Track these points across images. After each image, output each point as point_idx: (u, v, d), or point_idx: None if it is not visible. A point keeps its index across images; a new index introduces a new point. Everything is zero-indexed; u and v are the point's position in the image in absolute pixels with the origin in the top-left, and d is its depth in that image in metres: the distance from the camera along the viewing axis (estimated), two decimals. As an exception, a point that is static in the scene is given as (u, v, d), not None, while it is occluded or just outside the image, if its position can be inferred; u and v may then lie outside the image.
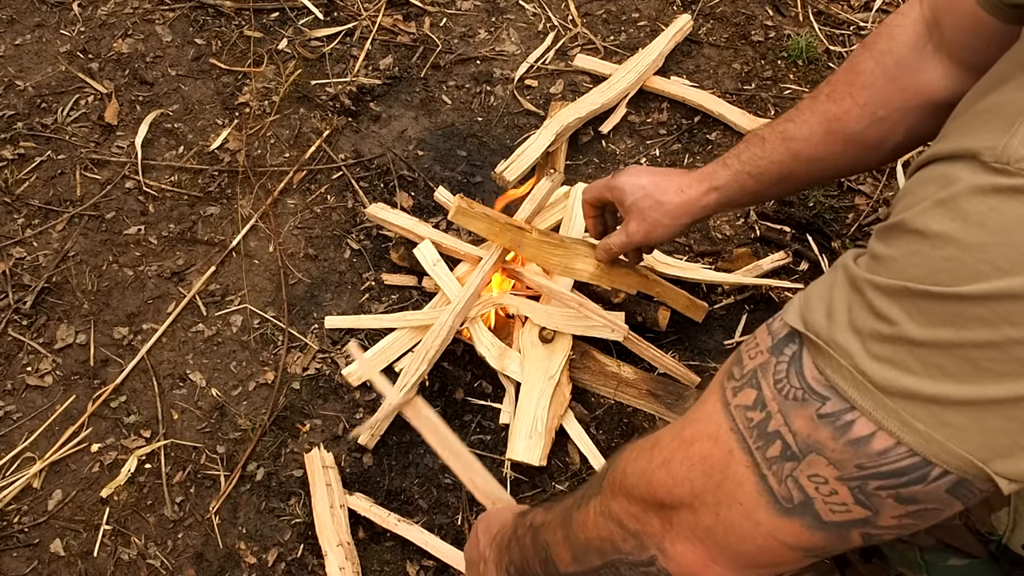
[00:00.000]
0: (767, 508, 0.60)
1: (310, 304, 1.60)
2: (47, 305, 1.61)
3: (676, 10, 1.99)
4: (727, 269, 1.59)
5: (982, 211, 0.50)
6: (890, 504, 0.56)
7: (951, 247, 0.51)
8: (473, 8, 2.02)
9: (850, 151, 1.00)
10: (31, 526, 1.40)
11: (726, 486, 0.62)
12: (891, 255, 0.55)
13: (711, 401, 0.64)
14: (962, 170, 0.52)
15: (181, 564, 1.36)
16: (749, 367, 0.62)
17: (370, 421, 1.42)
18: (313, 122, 1.83)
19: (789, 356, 0.59)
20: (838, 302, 0.57)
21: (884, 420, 0.54)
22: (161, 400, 1.50)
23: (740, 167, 1.09)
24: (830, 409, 0.56)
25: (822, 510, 0.58)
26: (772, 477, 0.59)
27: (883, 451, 0.54)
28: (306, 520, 1.38)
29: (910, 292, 0.52)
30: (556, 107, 1.78)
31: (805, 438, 0.57)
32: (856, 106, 0.98)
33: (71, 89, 1.89)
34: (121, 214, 1.72)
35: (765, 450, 0.59)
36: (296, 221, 1.70)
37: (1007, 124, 0.51)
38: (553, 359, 1.44)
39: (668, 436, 0.68)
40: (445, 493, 1.42)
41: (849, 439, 0.55)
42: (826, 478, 0.57)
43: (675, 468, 0.65)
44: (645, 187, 1.15)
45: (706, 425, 0.64)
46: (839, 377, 0.56)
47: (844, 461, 0.56)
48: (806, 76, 1.88)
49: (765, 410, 0.59)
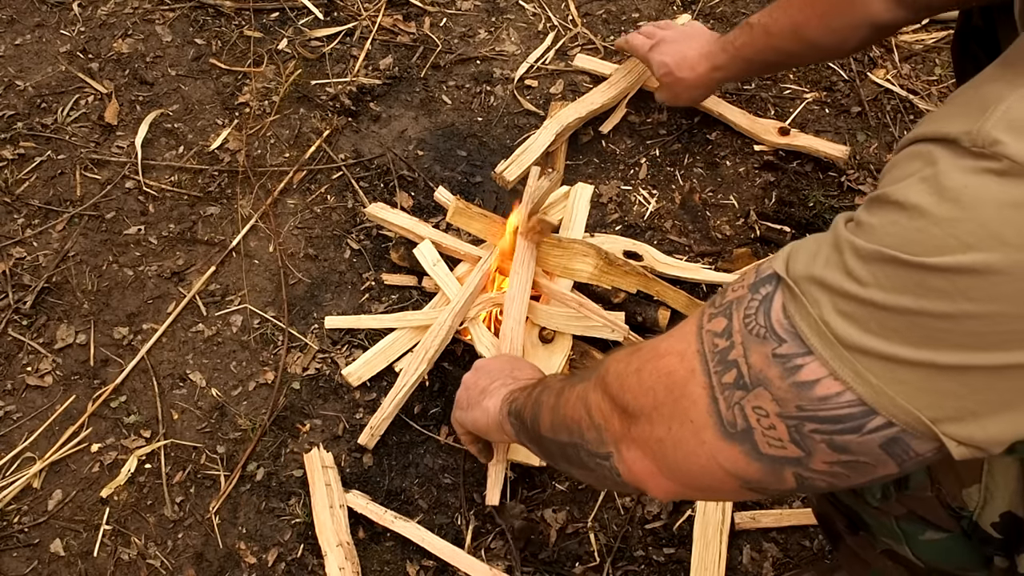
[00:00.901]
0: (713, 429, 0.64)
1: (310, 304, 1.60)
2: (47, 305, 1.61)
3: (676, 10, 1.99)
4: (727, 269, 1.60)
5: (957, 187, 0.53)
6: (823, 449, 0.60)
7: (924, 219, 0.53)
8: (473, 8, 2.02)
9: (812, 51, 1.35)
10: (31, 526, 1.40)
11: (682, 402, 0.66)
12: (872, 223, 0.57)
13: (690, 321, 0.69)
14: (944, 152, 0.55)
15: (181, 564, 1.36)
16: (729, 298, 0.66)
17: (371, 421, 1.42)
18: (313, 122, 1.83)
19: (763, 295, 0.63)
20: (819, 257, 0.60)
21: (839, 369, 0.57)
22: (161, 400, 1.50)
23: (735, 52, 1.47)
24: (784, 351, 0.60)
25: (760, 441, 0.62)
26: (723, 401, 0.63)
27: (824, 397, 0.58)
28: (306, 520, 1.38)
29: (882, 256, 0.55)
30: (556, 107, 1.78)
31: (757, 372, 0.61)
32: (815, 16, 1.28)
33: (71, 89, 1.89)
34: (121, 214, 1.72)
35: (722, 375, 0.63)
36: (296, 221, 1.70)
37: (982, 110, 0.54)
38: (553, 359, 1.44)
39: (648, 346, 0.73)
40: (445, 493, 1.42)
41: (795, 381, 0.59)
42: (768, 412, 0.61)
43: (644, 377, 0.70)
44: (667, 64, 1.58)
45: (678, 342, 0.68)
46: (804, 324, 0.59)
47: (786, 400, 0.60)
48: (806, 76, 1.88)
49: (730, 339, 0.63)
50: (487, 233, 1.52)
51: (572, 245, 1.49)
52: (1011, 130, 0.51)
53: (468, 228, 1.52)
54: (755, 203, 1.70)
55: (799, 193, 1.70)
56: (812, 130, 1.78)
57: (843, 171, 1.72)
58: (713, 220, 1.68)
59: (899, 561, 0.93)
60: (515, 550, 1.34)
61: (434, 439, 1.45)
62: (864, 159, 1.74)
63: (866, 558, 0.99)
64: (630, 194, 1.72)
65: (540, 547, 1.36)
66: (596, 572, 1.34)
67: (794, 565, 1.34)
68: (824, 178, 1.72)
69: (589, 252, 1.47)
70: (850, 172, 1.71)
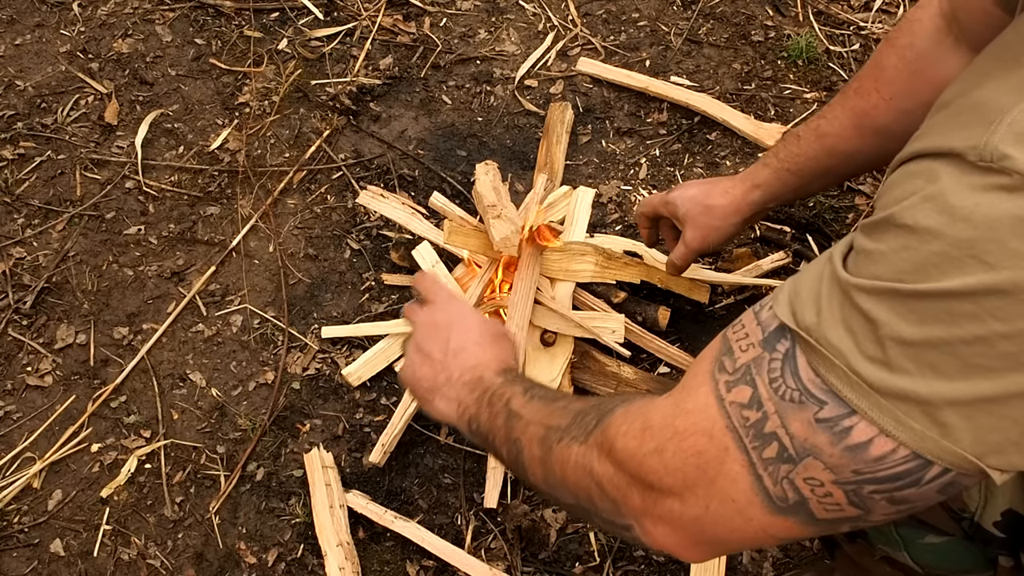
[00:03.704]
0: (761, 507, 0.60)
1: (310, 304, 1.60)
2: (47, 305, 1.61)
3: (676, 10, 1.99)
4: (727, 269, 1.60)
5: (968, 206, 0.51)
6: (882, 505, 0.57)
7: (939, 242, 0.52)
8: (473, 8, 2.02)
9: (881, 143, 1.05)
10: (31, 526, 1.40)
11: (720, 483, 0.62)
12: (880, 249, 0.55)
13: (703, 392, 0.64)
14: (947, 167, 0.53)
15: (181, 564, 1.36)
16: (742, 360, 0.62)
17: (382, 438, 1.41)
18: (313, 122, 1.83)
19: (783, 353, 0.59)
20: (826, 300, 0.57)
21: (879, 419, 0.54)
22: (161, 400, 1.50)
23: (779, 164, 1.16)
24: (828, 414, 0.56)
25: (816, 509, 0.59)
26: (768, 478, 0.60)
27: (880, 457, 0.55)
28: (306, 520, 1.38)
29: (897, 293, 0.53)
30: (556, 107, 1.78)
31: (802, 442, 0.57)
32: (883, 100, 1.03)
33: (71, 89, 1.89)
34: (121, 214, 1.72)
35: (761, 451, 0.59)
36: (296, 221, 1.70)
37: (987, 123, 0.52)
38: (555, 362, 1.44)
39: (660, 421, 0.67)
40: (445, 493, 1.42)
41: (847, 445, 0.56)
42: (822, 481, 0.58)
43: (667, 459, 0.65)
44: (695, 196, 1.24)
45: (700, 419, 0.63)
46: (834, 377, 0.56)
47: (841, 466, 0.56)
48: (806, 76, 1.88)
49: (762, 410, 0.59)
50: (485, 249, 1.51)
51: (570, 246, 1.49)
52: (1020, 143, 0.50)
53: (466, 247, 1.50)
54: (755, 203, 1.70)
55: (800, 193, 1.70)
56: (812, 130, 1.78)
57: (843, 171, 1.72)
58: (713, 220, 1.68)
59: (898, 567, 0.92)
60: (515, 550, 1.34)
61: (434, 439, 1.45)
62: (864, 159, 1.74)
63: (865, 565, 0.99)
64: (630, 194, 1.72)
65: (540, 547, 1.36)
66: (596, 572, 1.34)
67: (794, 565, 1.34)
68: (824, 178, 1.72)
69: (587, 251, 1.47)
70: (850, 172, 1.71)
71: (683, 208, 1.24)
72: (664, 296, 1.54)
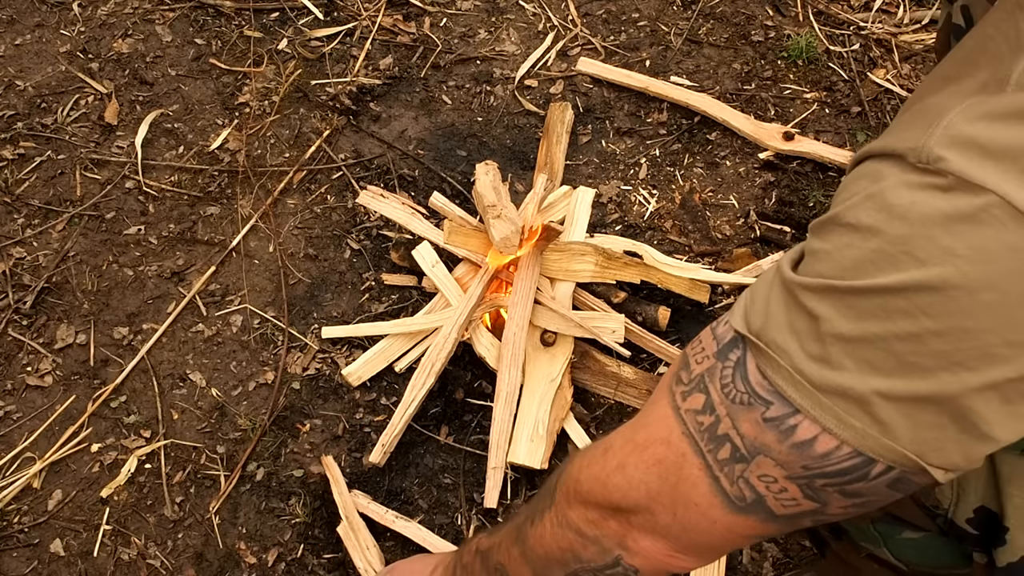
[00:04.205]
0: (722, 507, 0.62)
1: (310, 304, 1.60)
2: (47, 305, 1.61)
3: (676, 10, 1.99)
4: (727, 269, 1.60)
5: (904, 204, 0.53)
6: (836, 497, 0.59)
7: (877, 239, 0.53)
8: (473, 8, 2.02)
9: None
10: (31, 526, 1.40)
11: (681, 488, 0.64)
12: (825, 248, 0.57)
13: (660, 405, 0.66)
14: (891, 168, 0.55)
15: (181, 564, 1.36)
16: (696, 371, 0.64)
17: (382, 438, 1.41)
18: (313, 122, 1.83)
19: (734, 361, 0.61)
20: (774, 304, 0.59)
21: (821, 417, 0.56)
22: (161, 400, 1.50)
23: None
24: (774, 413, 0.58)
25: (774, 506, 0.61)
26: (724, 478, 0.62)
27: (826, 453, 0.57)
28: (306, 520, 1.38)
29: (836, 289, 0.55)
30: (556, 107, 1.78)
31: (752, 441, 0.59)
32: None
33: (71, 89, 1.89)
34: (121, 214, 1.72)
35: (716, 452, 0.62)
36: (296, 221, 1.70)
37: (927, 126, 0.54)
38: (555, 362, 1.44)
39: (620, 441, 0.69)
40: (445, 493, 1.42)
41: (793, 442, 0.58)
42: (775, 477, 0.60)
43: (630, 472, 0.67)
44: None
45: (658, 429, 0.66)
46: (779, 377, 0.58)
47: (790, 463, 0.58)
48: (806, 76, 1.88)
49: (714, 414, 0.62)
50: (485, 249, 1.51)
51: (570, 246, 1.49)
52: (952, 146, 0.52)
53: (465, 247, 1.50)
54: (755, 203, 1.70)
55: (799, 193, 1.70)
56: (812, 130, 1.78)
57: (843, 171, 1.72)
58: (713, 220, 1.68)
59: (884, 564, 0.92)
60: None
61: (434, 439, 1.45)
62: (864, 159, 1.74)
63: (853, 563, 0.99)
64: (630, 194, 1.72)
65: (540, 547, 1.36)
66: (596, 572, 1.34)
67: (794, 565, 1.34)
68: (824, 178, 1.72)
69: (587, 251, 1.47)
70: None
71: None
72: (664, 296, 1.54)
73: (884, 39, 1.93)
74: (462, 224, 1.53)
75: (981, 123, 0.52)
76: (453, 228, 1.48)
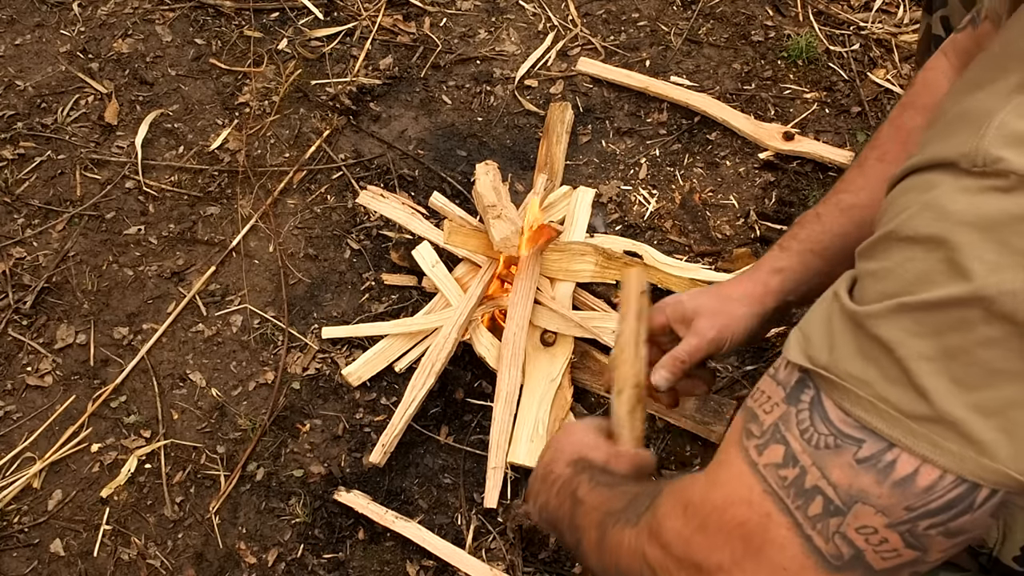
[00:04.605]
0: (815, 569, 0.57)
1: (310, 304, 1.60)
2: (47, 305, 1.61)
3: (676, 10, 1.99)
4: (727, 269, 1.59)
5: (966, 210, 0.50)
6: (939, 541, 0.55)
7: (943, 249, 0.51)
8: (473, 8, 2.02)
9: None
10: (31, 526, 1.40)
11: (767, 551, 0.59)
12: (885, 267, 0.54)
13: (735, 463, 0.61)
14: (942, 177, 0.53)
15: (181, 564, 1.36)
16: (768, 422, 0.59)
17: (382, 438, 1.41)
18: (313, 122, 1.83)
19: (808, 402, 0.57)
20: (839, 335, 0.55)
21: (916, 446, 0.52)
22: (161, 400, 1.50)
23: (800, 246, 1.01)
24: (867, 452, 0.54)
25: (873, 560, 0.56)
26: (818, 536, 0.57)
27: (929, 487, 0.53)
28: (306, 520, 1.38)
29: (907, 306, 0.52)
30: (556, 107, 1.78)
31: (847, 488, 0.55)
32: None
33: (71, 89, 1.89)
34: (121, 214, 1.72)
35: (806, 508, 0.57)
36: (296, 221, 1.70)
37: (975, 128, 0.52)
38: (555, 362, 1.44)
39: (698, 499, 0.64)
40: (445, 493, 1.42)
41: (894, 480, 0.53)
42: (875, 528, 0.55)
43: (711, 535, 0.62)
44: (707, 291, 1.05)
45: (736, 488, 0.61)
46: (862, 410, 0.54)
47: (892, 506, 0.54)
48: (806, 76, 1.88)
49: (798, 465, 0.57)
50: (485, 249, 1.51)
51: (570, 246, 1.49)
52: (1010, 144, 0.50)
53: (465, 247, 1.50)
54: (755, 203, 1.70)
55: (799, 193, 1.70)
56: (812, 130, 1.78)
57: (843, 171, 1.72)
58: (713, 220, 1.68)
59: None
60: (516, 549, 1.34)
61: (434, 439, 1.45)
62: (864, 159, 1.74)
63: None
64: (630, 194, 1.72)
65: (540, 547, 1.36)
66: (596, 572, 1.34)
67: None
68: (824, 178, 1.72)
69: (587, 251, 1.47)
70: (850, 172, 1.71)
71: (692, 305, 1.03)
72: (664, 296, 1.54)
73: (884, 39, 1.93)
74: (462, 224, 1.53)
75: None
76: (453, 228, 1.48)
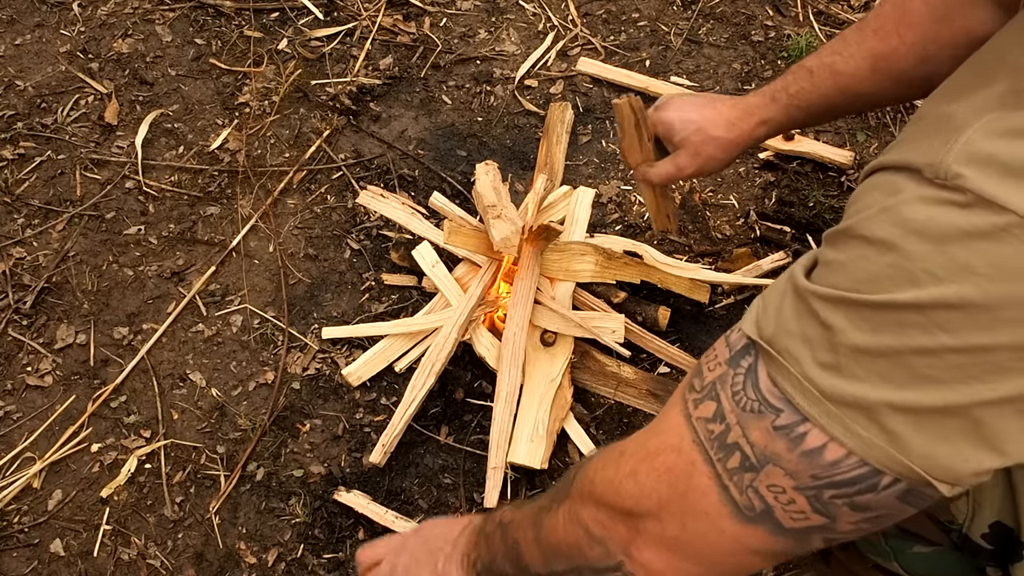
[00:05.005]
0: (731, 517, 0.62)
1: (310, 304, 1.60)
2: (47, 305, 1.61)
3: (676, 10, 1.99)
4: (727, 269, 1.60)
5: (921, 220, 0.52)
6: (846, 512, 0.59)
7: (893, 254, 0.53)
8: (473, 8, 2.02)
9: (896, 87, 1.02)
10: (31, 526, 1.40)
11: (690, 496, 0.64)
12: (839, 259, 0.57)
13: (674, 413, 0.66)
14: (906, 181, 0.55)
15: (181, 564, 1.36)
16: (708, 379, 0.64)
17: (382, 438, 1.41)
18: (313, 122, 1.83)
19: (746, 368, 0.61)
20: (787, 311, 0.59)
21: (829, 426, 0.56)
22: (161, 400, 1.50)
23: (789, 101, 1.09)
24: (784, 421, 0.58)
25: (782, 518, 0.61)
26: (733, 487, 0.61)
27: (835, 462, 0.56)
28: (306, 520, 1.38)
29: (852, 302, 0.54)
30: (556, 107, 1.78)
31: (762, 449, 0.59)
32: (903, 45, 0.98)
33: (71, 89, 1.89)
34: (121, 214, 1.72)
35: (726, 461, 0.61)
36: (296, 221, 1.70)
37: (945, 139, 0.53)
38: (555, 362, 1.44)
39: (634, 446, 0.70)
40: (445, 493, 1.42)
41: (803, 451, 0.57)
42: (784, 488, 0.59)
43: (641, 479, 0.67)
44: (696, 121, 1.13)
45: (669, 436, 0.66)
46: (788, 384, 0.57)
47: (799, 472, 0.58)
48: (806, 76, 1.88)
49: (724, 422, 0.62)
50: (485, 249, 1.51)
51: (570, 246, 1.49)
52: (972, 163, 0.51)
53: (465, 247, 1.50)
54: (755, 203, 1.70)
55: (799, 193, 1.70)
56: (812, 130, 1.78)
57: (843, 171, 1.72)
58: (713, 220, 1.68)
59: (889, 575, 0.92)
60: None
61: (434, 439, 1.45)
62: (864, 159, 1.74)
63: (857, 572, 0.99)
64: (630, 194, 1.72)
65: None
66: (596, 572, 1.34)
67: (794, 565, 1.34)
68: (824, 178, 1.72)
69: (587, 251, 1.47)
70: (850, 172, 1.71)
71: (682, 132, 1.13)
72: (664, 296, 1.54)
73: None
74: (462, 224, 1.53)
75: (1002, 140, 0.52)
76: (453, 228, 1.48)
